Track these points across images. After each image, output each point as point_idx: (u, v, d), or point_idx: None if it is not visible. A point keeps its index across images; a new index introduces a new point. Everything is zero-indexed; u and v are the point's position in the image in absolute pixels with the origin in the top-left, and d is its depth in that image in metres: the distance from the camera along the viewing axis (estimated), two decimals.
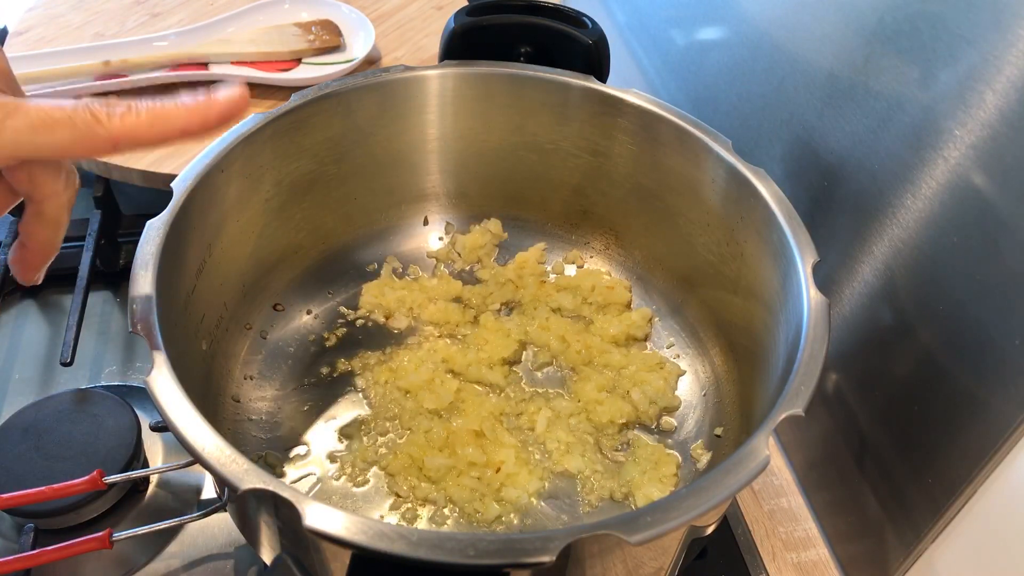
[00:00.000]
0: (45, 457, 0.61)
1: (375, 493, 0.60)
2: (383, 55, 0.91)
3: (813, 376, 0.47)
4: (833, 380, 0.64)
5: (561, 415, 0.65)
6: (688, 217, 0.68)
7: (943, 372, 0.53)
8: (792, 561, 0.65)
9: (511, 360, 0.69)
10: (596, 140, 0.70)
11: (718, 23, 0.77)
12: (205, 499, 0.65)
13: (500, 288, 0.74)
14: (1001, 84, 0.47)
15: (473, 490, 0.59)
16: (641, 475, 0.61)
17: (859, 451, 0.62)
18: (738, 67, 0.73)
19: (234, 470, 0.41)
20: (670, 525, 0.40)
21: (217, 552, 0.62)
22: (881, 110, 0.56)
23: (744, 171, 0.60)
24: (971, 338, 0.51)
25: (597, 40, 0.70)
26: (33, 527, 0.60)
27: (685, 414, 0.66)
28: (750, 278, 0.62)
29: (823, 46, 0.61)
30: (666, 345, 0.71)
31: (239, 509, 0.53)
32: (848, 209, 0.61)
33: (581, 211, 0.76)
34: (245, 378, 0.65)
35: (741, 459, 0.43)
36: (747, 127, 0.72)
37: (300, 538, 0.44)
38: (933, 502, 0.54)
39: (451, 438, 0.61)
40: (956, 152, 0.50)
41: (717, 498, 0.41)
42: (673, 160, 0.66)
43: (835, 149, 0.61)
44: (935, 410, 0.54)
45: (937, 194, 0.52)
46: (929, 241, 0.53)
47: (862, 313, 0.61)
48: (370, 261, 0.76)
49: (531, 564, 0.38)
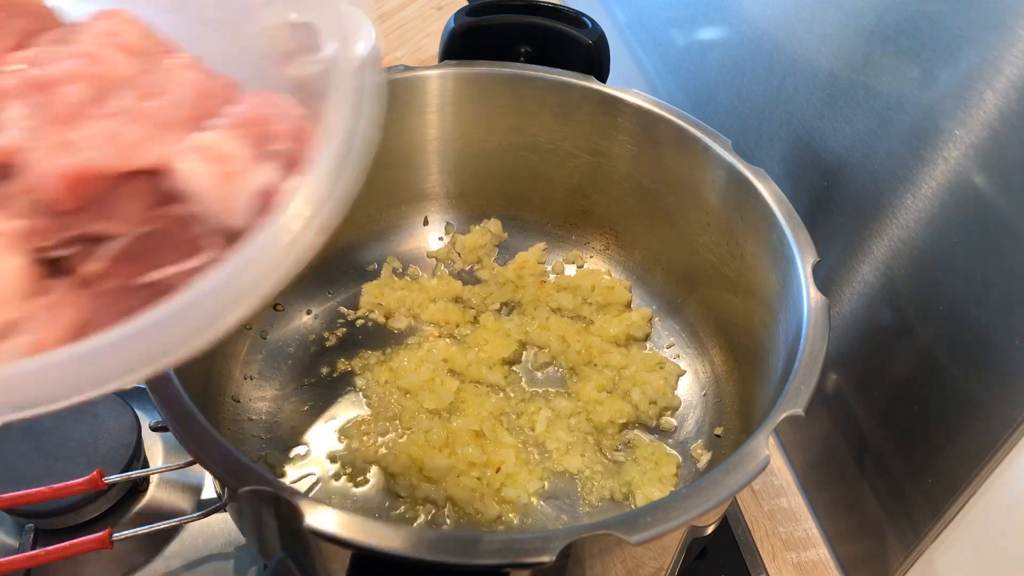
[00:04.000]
0: (45, 457, 0.61)
1: (375, 493, 0.60)
2: (383, 55, 0.91)
3: (813, 376, 0.47)
4: (833, 380, 0.64)
5: (561, 415, 0.64)
6: (688, 217, 0.68)
7: (943, 372, 0.53)
8: (792, 561, 0.65)
9: (511, 360, 0.69)
10: (596, 140, 0.70)
11: (718, 23, 0.77)
12: (205, 499, 0.65)
13: (500, 288, 0.74)
14: (1001, 84, 0.47)
15: (473, 490, 0.59)
16: (641, 475, 0.61)
17: (859, 451, 0.62)
18: (738, 67, 0.73)
19: (234, 470, 0.41)
20: (670, 525, 0.40)
21: (217, 552, 0.62)
22: (881, 110, 0.56)
23: (744, 171, 0.60)
24: (971, 338, 0.51)
25: (597, 40, 0.70)
26: (33, 527, 0.60)
27: (685, 414, 0.66)
28: (750, 278, 0.62)
29: (823, 46, 0.61)
30: (666, 345, 0.71)
31: (239, 509, 0.53)
32: (848, 209, 0.61)
33: (581, 211, 0.76)
34: (245, 378, 0.65)
35: (741, 459, 0.43)
36: (747, 127, 0.72)
37: (300, 538, 0.44)
38: (933, 502, 0.54)
39: (451, 438, 0.61)
40: (956, 152, 0.50)
41: (717, 498, 0.41)
42: (673, 160, 0.66)
43: (835, 149, 0.61)
44: (935, 410, 0.54)
45: (937, 194, 0.52)
46: (929, 241, 0.53)
47: (862, 313, 0.61)
48: (370, 261, 0.76)
49: (531, 564, 0.38)
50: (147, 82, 0.33)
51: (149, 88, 0.33)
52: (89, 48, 0.33)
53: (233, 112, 0.33)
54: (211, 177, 0.31)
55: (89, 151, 0.30)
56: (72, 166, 0.30)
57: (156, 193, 0.32)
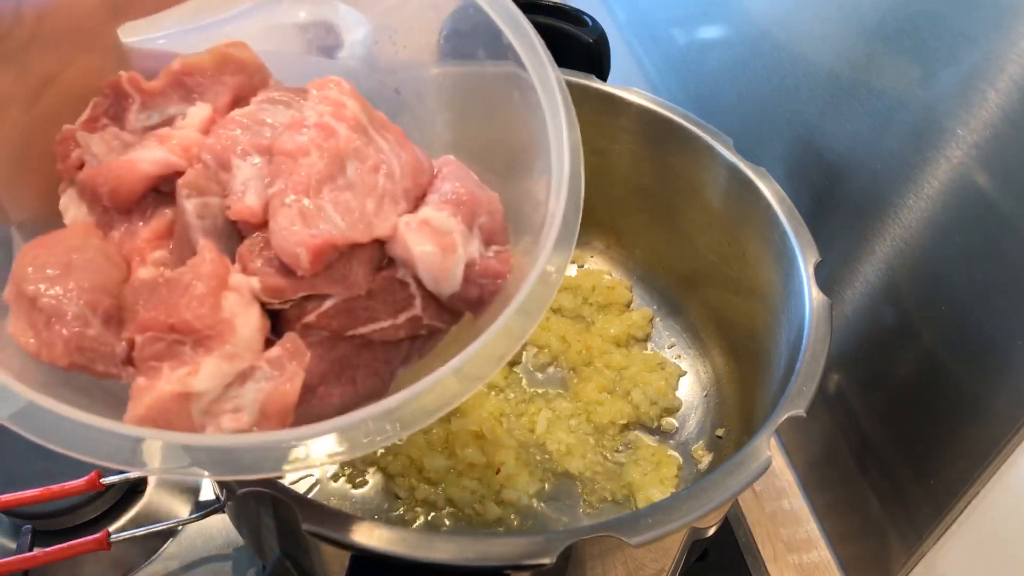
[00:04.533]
0: (43, 458, 0.61)
1: (374, 494, 0.60)
2: None
3: (815, 377, 0.47)
4: (835, 381, 0.64)
5: (562, 416, 0.64)
6: (689, 217, 0.68)
7: (945, 373, 0.53)
8: (793, 563, 0.64)
9: (511, 360, 0.68)
10: (596, 139, 0.70)
11: (719, 22, 0.77)
12: (203, 500, 0.65)
13: None
14: (1003, 83, 0.46)
15: (473, 492, 0.58)
16: (642, 476, 0.60)
17: (861, 452, 0.62)
18: (739, 66, 0.73)
19: None
20: (671, 527, 0.40)
21: (215, 553, 0.62)
22: (883, 109, 0.56)
23: (745, 170, 0.60)
24: (974, 338, 0.50)
25: (597, 39, 0.70)
26: (31, 528, 0.60)
27: (686, 415, 0.66)
28: (751, 278, 0.62)
29: (825, 45, 0.61)
30: (667, 345, 0.71)
31: (237, 510, 0.52)
32: (850, 208, 0.60)
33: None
34: None
35: (743, 460, 0.43)
36: (748, 126, 0.72)
37: (298, 539, 0.44)
38: (935, 503, 0.54)
39: (451, 439, 0.61)
40: (958, 151, 0.50)
41: (718, 499, 0.41)
42: (674, 159, 0.66)
43: (837, 148, 0.61)
44: (937, 411, 0.54)
45: (939, 194, 0.52)
46: (931, 241, 0.53)
47: (864, 313, 0.61)
48: None
49: (531, 566, 0.38)
50: (368, 155, 0.36)
51: (372, 163, 0.36)
52: (321, 120, 0.35)
53: (444, 191, 0.37)
54: (431, 251, 0.35)
55: (334, 222, 0.33)
56: (320, 237, 0.33)
57: (381, 258, 0.36)
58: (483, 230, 0.37)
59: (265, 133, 0.36)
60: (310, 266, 0.33)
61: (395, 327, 0.36)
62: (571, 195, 0.36)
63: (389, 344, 0.37)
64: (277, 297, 0.34)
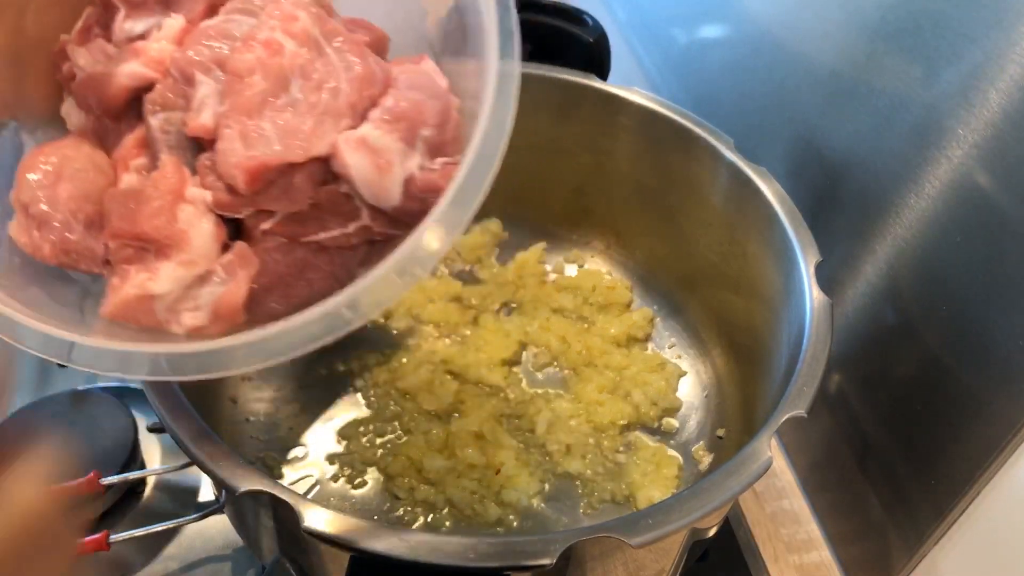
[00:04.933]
0: None
1: (374, 495, 0.60)
2: None
3: (815, 377, 0.47)
4: (835, 381, 0.64)
5: (562, 416, 0.64)
6: (689, 216, 0.68)
7: (946, 373, 0.53)
8: (794, 563, 0.64)
9: (511, 361, 0.68)
10: (597, 139, 0.70)
11: (719, 21, 0.77)
12: (203, 501, 0.65)
13: (500, 288, 0.73)
14: (1005, 82, 0.46)
15: (473, 492, 0.58)
16: (642, 477, 0.60)
17: (862, 453, 0.62)
18: (740, 65, 0.73)
19: (232, 472, 0.41)
20: (671, 527, 0.40)
21: (215, 554, 0.62)
22: (884, 108, 0.56)
23: (746, 170, 0.60)
24: (975, 339, 0.50)
25: (598, 38, 0.70)
26: None
27: (687, 415, 0.66)
28: (752, 278, 0.62)
29: (825, 44, 0.61)
30: (667, 346, 0.71)
31: (237, 511, 0.52)
32: (851, 208, 0.60)
33: (582, 211, 0.76)
34: (243, 379, 0.65)
35: (743, 461, 0.43)
36: (749, 125, 0.72)
37: (298, 540, 0.44)
38: (936, 504, 0.54)
39: (451, 440, 0.61)
40: (960, 151, 0.50)
41: (719, 500, 0.41)
42: (674, 159, 0.66)
43: (838, 148, 0.61)
44: (938, 411, 0.54)
45: (941, 193, 0.52)
46: (932, 241, 0.53)
47: (865, 313, 0.60)
48: None
49: (531, 567, 0.38)
50: (315, 70, 0.37)
51: (318, 78, 0.37)
52: (271, 36, 0.37)
53: (387, 106, 0.37)
54: (368, 169, 0.36)
55: (271, 145, 0.36)
56: (256, 159, 0.35)
57: (323, 173, 0.37)
58: (428, 143, 0.38)
59: (226, 48, 0.37)
60: (246, 187, 0.35)
61: (346, 235, 0.38)
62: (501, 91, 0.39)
63: (345, 249, 0.39)
64: (227, 211, 0.37)
